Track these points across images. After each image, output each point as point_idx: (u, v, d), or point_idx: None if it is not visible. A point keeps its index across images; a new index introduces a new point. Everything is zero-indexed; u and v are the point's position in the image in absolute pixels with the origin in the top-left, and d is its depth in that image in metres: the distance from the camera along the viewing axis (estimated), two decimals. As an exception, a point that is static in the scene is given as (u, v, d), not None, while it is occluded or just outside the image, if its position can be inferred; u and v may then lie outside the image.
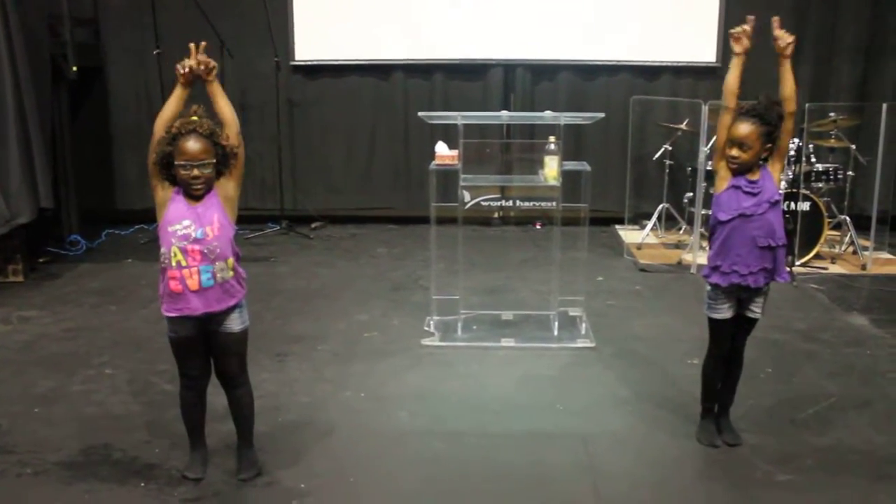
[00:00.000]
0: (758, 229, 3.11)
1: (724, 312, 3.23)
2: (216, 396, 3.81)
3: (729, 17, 7.37)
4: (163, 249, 2.84)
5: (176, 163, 2.78)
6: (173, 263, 2.83)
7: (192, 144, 2.78)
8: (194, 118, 2.83)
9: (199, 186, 2.82)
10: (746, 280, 3.15)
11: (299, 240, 7.22)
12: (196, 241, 2.82)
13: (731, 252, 3.14)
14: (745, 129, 3.06)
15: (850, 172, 6.50)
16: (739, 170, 3.10)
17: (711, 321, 3.28)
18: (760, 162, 3.14)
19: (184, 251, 2.82)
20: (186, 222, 2.82)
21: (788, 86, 3.14)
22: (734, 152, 3.08)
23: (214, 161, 2.83)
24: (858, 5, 7.34)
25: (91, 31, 7.42)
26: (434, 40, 7.49)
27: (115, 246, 6.95)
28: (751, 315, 3.25)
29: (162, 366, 4.19)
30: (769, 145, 3.09)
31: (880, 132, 6.13)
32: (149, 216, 7.52)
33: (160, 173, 2.85)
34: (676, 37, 7.46)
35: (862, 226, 6.45)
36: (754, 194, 3.10)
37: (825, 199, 6.35)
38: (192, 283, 2.84)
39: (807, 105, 6.18)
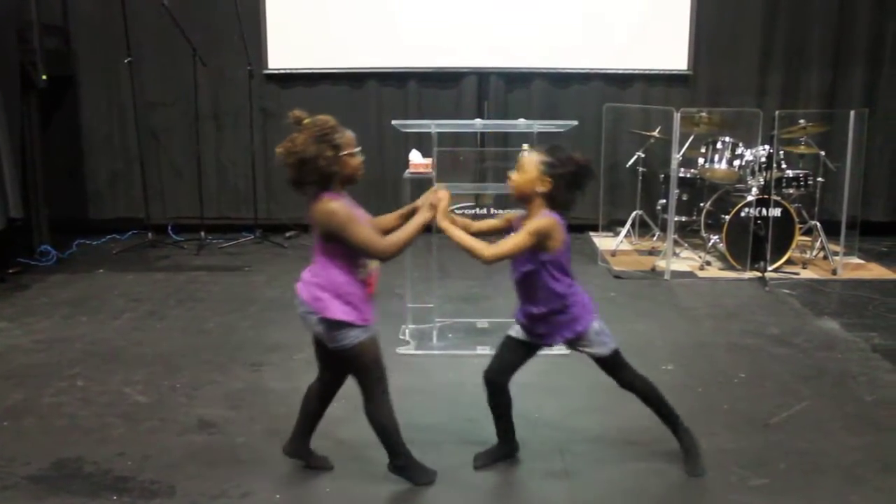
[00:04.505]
0: (519, 292, 3.08)
1: (513, 330, 3.21)
2: (196, 409, 3.78)
3: (700, 25, 7.47)
4: (361, 259, 2.84)
5: (346, 154, 2.81)
6: (372, 268, 2.90)
7: (349, 132, 2.86)
8: (308, 119, 2.82)
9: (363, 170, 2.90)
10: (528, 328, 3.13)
11: (273, 249, 7.19)
12: None
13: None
14: (528, 155, 2.94)
15: (819, 178, 6.59)
16: (514, 194, 2.99)
17: None
18: (549, 209, 2.93)
19: None
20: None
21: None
22: (511, 174, 2.97)
23: None
24: (826, 15, 7.44)
25: (61, 38, 7.35)
26: (407, 48, 7.50)
27: (86, 256, 6.87)
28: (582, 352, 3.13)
29: (134, 377, 4.15)
30: (549, 180, 2.88)
31: (848, 139, 6.23)
32: (120, 225, 7.60)
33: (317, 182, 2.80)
34: (648, 45, 7.52)
35: (832, 231, 6.53)
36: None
37: (796, 204, 6.43)
38: (377, 281, 2.95)
39: (777, 112, 6.27)
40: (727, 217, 6.18)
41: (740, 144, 6.50)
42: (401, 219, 3.01)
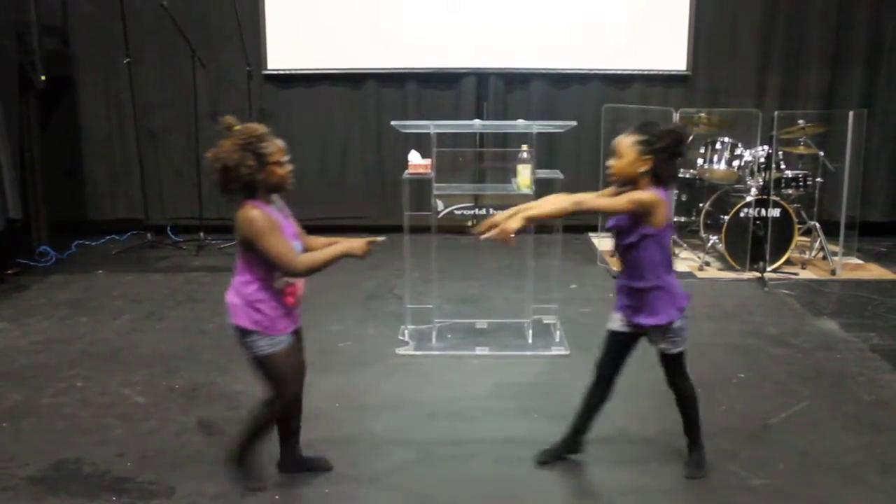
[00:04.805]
0: (621, 264, 3.08)
1: (612, 322, 3.16)
2: (195, 409, 3.78)
3: (699, 25, 7.47)
4: (278, 272, 2.84)
5: (272, 161, 2.82)
6: (293, 279, 2.89)
7: (278, 141, 2.85)
8: (238, 126, 2.85)
9: (292, 179, 2.88)
10: (621, 313, 3.11)
11: (273, 249, 7.18)
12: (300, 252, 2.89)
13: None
14: (621, 138, 2.95)
15: (818, 179, 6.59)
16: (616, 181, 2.99)
17: None
18: (655, 186, 2.93)
19: None
20: (292, 238, 2.87)
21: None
22: (610, 161, 2.97)
23: None
24: (825, 15, 7.45)
25: (60, 39, 7.34)
26: (407, 49, 7.50)
27: (85, 257, 6.86)
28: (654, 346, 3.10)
29: (133, 377, 4.14)
30: (649, 157, 2.88)
31: (847, 139, 6.24)
32: (119, 226, 7.59)
33: (239, 191, 2.84)
34: (647, 45, 7.52)
35: (831, 231, 6.54)
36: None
37: (795, 205, 6.43)
38: (300, 290, 2.96)
39: (776, 112, 6.27)
40: (726, 217, 6.18)
41: (739, 145, 6.50)
42: (328, 245, 3.01)
